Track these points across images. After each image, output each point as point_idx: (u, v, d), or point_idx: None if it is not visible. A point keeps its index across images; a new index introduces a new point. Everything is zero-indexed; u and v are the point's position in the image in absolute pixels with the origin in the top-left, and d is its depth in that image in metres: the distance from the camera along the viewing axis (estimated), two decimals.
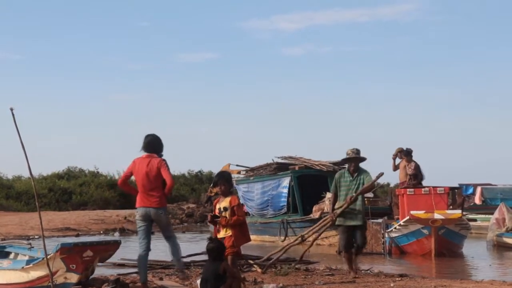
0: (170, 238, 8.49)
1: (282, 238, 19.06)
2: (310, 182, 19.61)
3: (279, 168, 20.57)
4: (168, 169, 8.26)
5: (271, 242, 19.38)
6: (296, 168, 19.94)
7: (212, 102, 62.26)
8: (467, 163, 54.37)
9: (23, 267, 8.82)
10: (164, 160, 8.33)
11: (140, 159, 8.36)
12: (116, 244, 9.03)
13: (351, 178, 10.09)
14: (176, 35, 61.24)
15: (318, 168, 19.66)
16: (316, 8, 60.11)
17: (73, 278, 8.43)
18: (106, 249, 8.89)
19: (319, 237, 12.12)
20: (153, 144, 8.42)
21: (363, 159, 10.24)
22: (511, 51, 57.10)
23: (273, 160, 21.22)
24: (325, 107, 60.35)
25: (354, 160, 10.17)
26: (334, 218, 10.08)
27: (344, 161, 10.45)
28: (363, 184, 9.97)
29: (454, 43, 58.81)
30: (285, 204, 19.85)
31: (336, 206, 10.16)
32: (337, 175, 10.34)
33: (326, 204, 17.97)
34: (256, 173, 21.72)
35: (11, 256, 9.55)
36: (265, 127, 60.91)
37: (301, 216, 19.09)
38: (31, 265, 8.73)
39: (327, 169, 19.43)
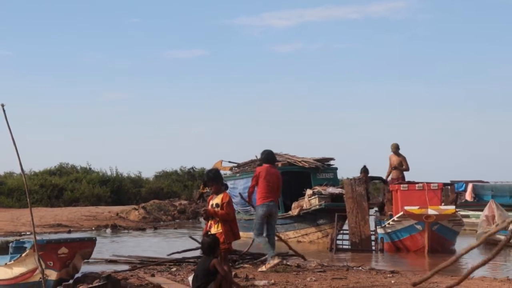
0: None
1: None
2: (294, 179, 19.57)
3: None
4: None
5: None
6: (279, 164, 19.86)
7: (204, 98, 62.27)
8: (458, 160, 54.57)
9: (6, 263, 8.82)
10: None
11: (268, 167, 11.09)
12: (91, 242, 9.01)
13: None
14: (165, 32, 61.23)
15: (300, 165, 19.66)
16: (306, 5, 60.29)
17: (52, 275, 8.44)
18: (81, 246, 8.84)
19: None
20: (272, 156, 11.44)
21: None
22: (500, 49, 57.35)
23: (256, 156, 21.13)
24: (315, 104, 60.46)
25: None
26: None
27: None
28: None
29: (443, 41, 59.05)
30: None
31: None
32: None
33: (305, 201, 17.98)
34: (241, 169, 21.69)
35: None
36: (256, 124, 61.00)
37: (282, 213, 19.04)
38: (12, 261, 8.73)
39: (309, 166, 19.40)
